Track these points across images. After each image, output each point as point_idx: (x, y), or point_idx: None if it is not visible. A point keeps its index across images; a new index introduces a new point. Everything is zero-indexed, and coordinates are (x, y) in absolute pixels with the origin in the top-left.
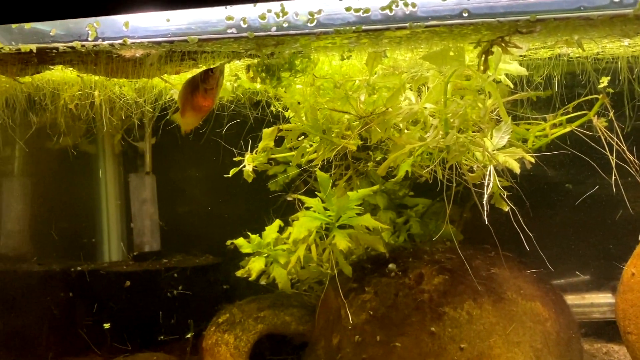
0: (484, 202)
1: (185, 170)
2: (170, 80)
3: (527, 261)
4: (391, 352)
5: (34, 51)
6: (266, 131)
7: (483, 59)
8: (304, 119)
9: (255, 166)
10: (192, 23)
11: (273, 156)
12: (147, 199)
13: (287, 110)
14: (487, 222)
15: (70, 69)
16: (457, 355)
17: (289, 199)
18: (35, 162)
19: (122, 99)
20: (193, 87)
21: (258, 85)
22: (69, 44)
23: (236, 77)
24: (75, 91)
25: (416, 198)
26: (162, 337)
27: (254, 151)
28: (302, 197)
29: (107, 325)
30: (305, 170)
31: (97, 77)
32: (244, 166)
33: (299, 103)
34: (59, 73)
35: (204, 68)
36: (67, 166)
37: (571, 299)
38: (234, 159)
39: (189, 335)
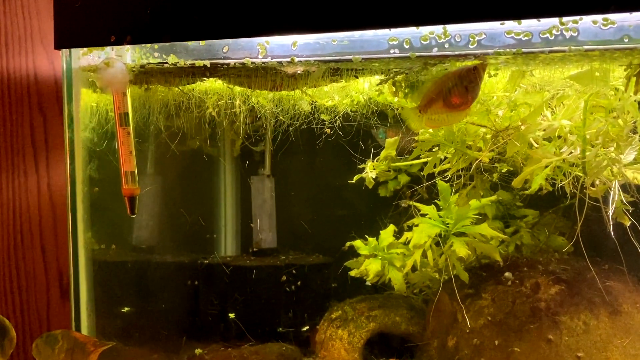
0: (609, 216)
1: (302, 174)
2: (308, 92)
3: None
4: (509, 357)
5: (208, 66)
6: (389, 141)
7: (634, 80)
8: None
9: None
10: (355, 41)
11: (394, 165)
12: (267, 200)
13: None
14: (613, 236)
15: (220, 80)
16: None
17: (403, 205)
18: (167, 163)
19: (262, 109)
20: (451, 83)
21: (396, 99)
22: (240, 60)
23: (379, 92)
24: (218, 100)
25: (524, 209)
26: (280, 329)
27: (376, 159)
28: (418, 205)
29: (232, 315)
30: (415, 179)
31: (239, 88)
32: (366, 173)
33: None
34: (206, 84)
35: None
36: (192, 167)
37: None
38: (359, 167)
39: (305, 329)
